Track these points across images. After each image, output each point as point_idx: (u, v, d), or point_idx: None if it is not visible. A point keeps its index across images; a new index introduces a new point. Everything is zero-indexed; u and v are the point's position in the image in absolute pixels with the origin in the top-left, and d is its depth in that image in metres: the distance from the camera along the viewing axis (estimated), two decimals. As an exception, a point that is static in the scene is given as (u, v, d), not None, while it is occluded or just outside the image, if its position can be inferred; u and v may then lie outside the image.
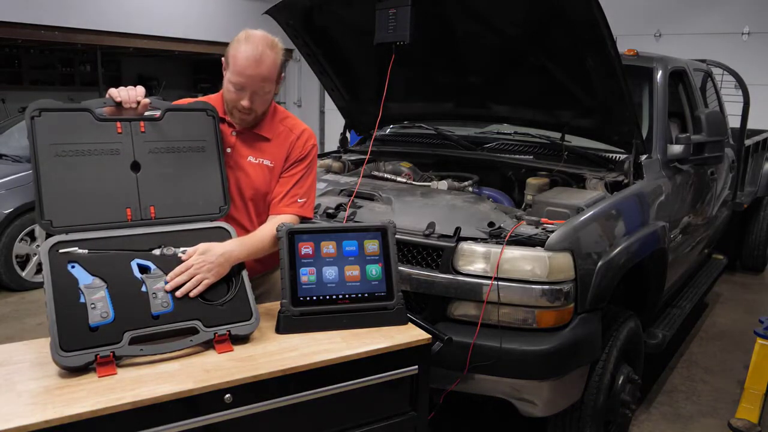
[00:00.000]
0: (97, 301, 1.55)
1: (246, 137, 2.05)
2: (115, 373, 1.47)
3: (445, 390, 2.27)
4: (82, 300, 1.54)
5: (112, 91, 1.81)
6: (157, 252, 1.72)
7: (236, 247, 1.81)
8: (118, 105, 1.80)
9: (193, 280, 1.68)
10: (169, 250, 1.73)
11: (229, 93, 1.95)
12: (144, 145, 1.80)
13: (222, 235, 1.83)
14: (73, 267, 1.59)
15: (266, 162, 2.05)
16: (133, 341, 1.54)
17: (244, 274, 1.78)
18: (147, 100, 1.83)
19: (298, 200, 2.05)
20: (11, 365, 1.53)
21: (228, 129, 2.03)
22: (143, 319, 1.58)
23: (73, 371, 1.47)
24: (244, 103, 1.92)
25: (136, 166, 1.79)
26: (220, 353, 1.61)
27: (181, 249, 1.74)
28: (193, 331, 1.62)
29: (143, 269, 1.67)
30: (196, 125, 1.90)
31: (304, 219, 2.06)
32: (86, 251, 1.63)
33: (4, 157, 5.54)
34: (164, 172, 1.82)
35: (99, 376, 1.46)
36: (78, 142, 1.72)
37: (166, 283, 1.66)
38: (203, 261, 1.71)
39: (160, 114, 1.85)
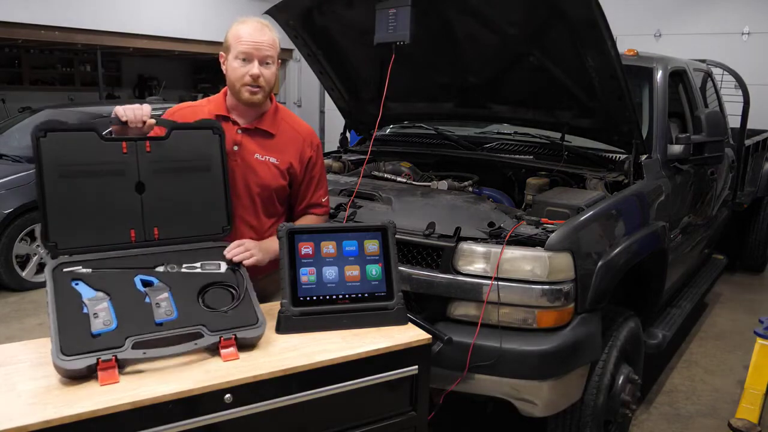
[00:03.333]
0: (100, 311, 1.54)
1: (251, 134, 2.09)
2: (117, 381, 1.44)
3: (445, 390, 2.27)
4: (84, 311, 1.54)
5: (118, 110, 1.81)
6: (161, 269, 1.72)
7: (274, 242, 1.97)
8: (124, 124, 1.81)
9: (246, 252, 1.86)
10: (173, 268, 1.73)
11: (236, 70, 1.99)
12: (149, 165, 1.80)
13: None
14: (76, 284, 1.60)
15: (272, 160, 2.10)
16: (136, 346, 1.51)
17: (249, 286, 1.77)
18: (153, 121, 1.85)
19: (323, 200, 2.26)
20: (11, 365, 1.53)
21: (233, 127, 2.06)
22: (147, 326, 1.56)
23: (74, 377, 1.44)
24: (255, 71, 1.96)
25: (140, 187, 1.79)
26: (225, 361, 1.56)
27: (185, 265, 1.74)
28: (198, 336, 1.59)
29: (146, 284, 1.67)
30: (202, 144, 1.89)
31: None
32: (90, 270, 1.64)
33: (4, 157, 5.54)
34: (169, 192, 1.82)
35: (101, 384, 1.42)
36: (83, 163, 1.72)
37: (171, 294, 1.64)
38: (253, 243, 1.93)
39: (165, 133, 1.84)
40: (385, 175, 3.24)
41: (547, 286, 2.22)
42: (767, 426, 3.19)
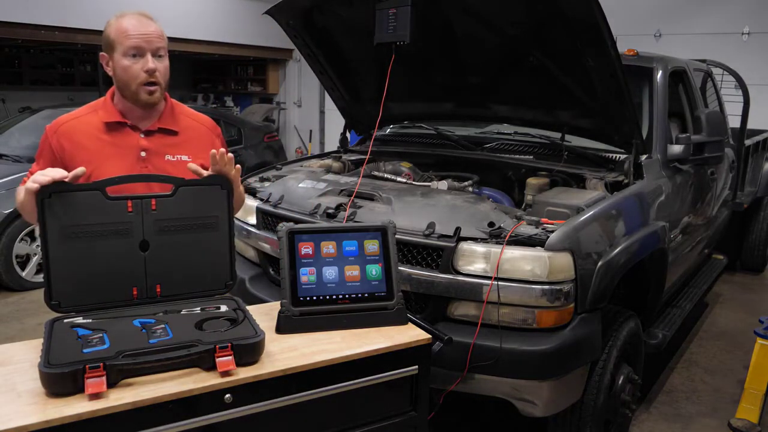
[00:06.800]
0: (94, 338, 1.54)
1: (156, 137, 2.00)
2: (104, 390, 1.38)
3: (445, 390, 2.27)
4: (79, 340, 1.53)
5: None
6: (160, 315, 1.71)
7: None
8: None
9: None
10: (172, 311, 1.73)
11: (129, 69, 1.88)
12: (154, 224, 1.77)
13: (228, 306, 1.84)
14: (75, 328, 1.61)
15: (184, 158, 2.01)
16: (126, 357, 1.46)
17: (250, 316, 1.74)
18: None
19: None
20: (11, 365, 1.52)
21: (134, 133, 1.97)
22: (140, 346, 1.53)
23: (60, 390, 1.38)
24: (150, 65, 1.87)
25: (144, 245, 1.77)
26: (221, 371, 1.49)
27: (184, 310, 1.73)
28: (192, 346, 1.54)
29: (144, 325, 1.66)
30: (209, 200, 1.85)
31: None
32: (90, 320, 1.65)
33: (4, 157, 5.54)
34: (173, 249, 1.80)
35: (88, 394, 1.35)
36: (88, 223, 1.70)
37: (168, 326, 1.62)
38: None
39: (172, 190, 1.81)
40: (385, 175, 3.24)
41: (547, 286, 2.23)
42: (767, 426, 3.19)
